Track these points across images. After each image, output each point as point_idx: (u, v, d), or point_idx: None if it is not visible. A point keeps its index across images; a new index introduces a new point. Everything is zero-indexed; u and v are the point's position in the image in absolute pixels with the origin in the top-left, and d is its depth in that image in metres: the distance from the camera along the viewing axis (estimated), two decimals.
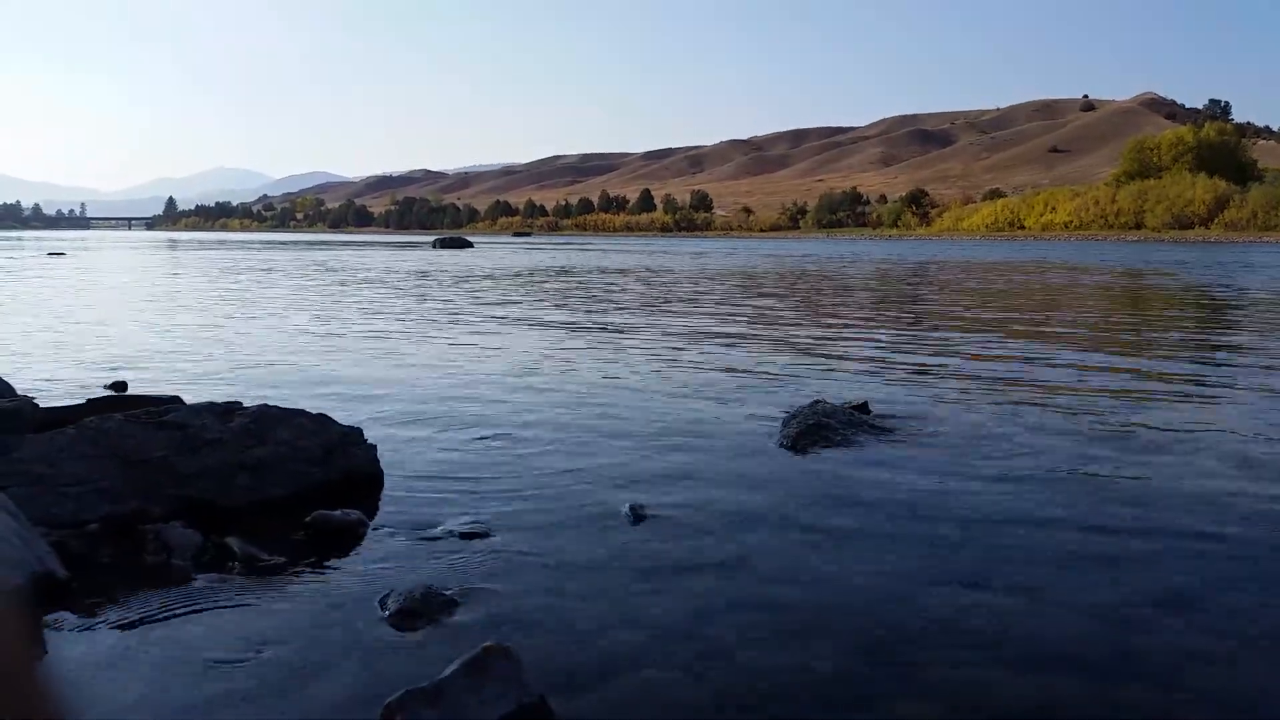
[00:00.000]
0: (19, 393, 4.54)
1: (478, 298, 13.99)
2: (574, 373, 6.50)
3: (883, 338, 8.89)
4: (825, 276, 21.70)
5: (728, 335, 9.05)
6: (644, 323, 10.18)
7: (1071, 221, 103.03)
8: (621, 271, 23.28)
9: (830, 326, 10.01)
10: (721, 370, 6.67)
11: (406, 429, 4.57)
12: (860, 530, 3.11)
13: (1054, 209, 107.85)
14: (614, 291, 15.70)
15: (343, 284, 17.41)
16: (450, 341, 8.36)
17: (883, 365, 6.99)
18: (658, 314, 11.32)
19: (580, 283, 18.24)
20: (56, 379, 5.97)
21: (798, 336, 8.96)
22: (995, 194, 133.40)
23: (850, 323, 10.48)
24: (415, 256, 34.44)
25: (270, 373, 6.39)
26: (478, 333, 9.12)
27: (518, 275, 20.99)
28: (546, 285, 17.36)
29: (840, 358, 7.40)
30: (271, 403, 3.74)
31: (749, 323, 10.42)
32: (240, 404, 3.60)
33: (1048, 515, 3.27)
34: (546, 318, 10.75)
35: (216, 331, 9.05)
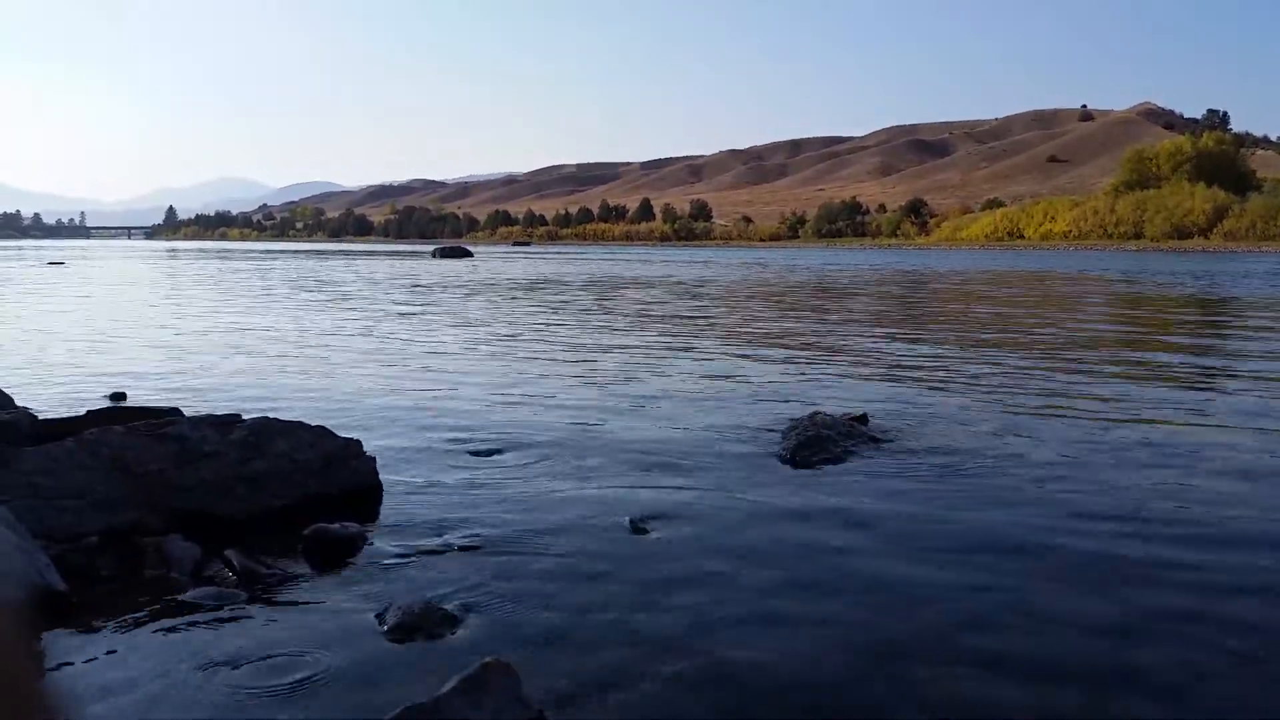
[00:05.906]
0: (17, 404, 4.53)
1: (478, 309, 14.00)
2: (573, 386, 6.50)
3: (882, 349, 8.89)
4: (824, 287, 21.71)
5: (727, 347, 9.06)
6: (642, 335, 10.19)
7: (1071, 231, 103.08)
8: (619, 282, 23.29)
9: (829, 338, 10.01)
10: (721, 382, 6.67)
11: (407, 441, 4.56)
12: (859, 543, 3.11)
13: (1053, 219, 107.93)
14: (611, 303, 15.71)
15: (343, 294, 17.42)
16: (451, 354, 8.36)
17: (882, 377, 6.99)
18: (656, 326, 11.32)
19: (578, 294, 18.25)
20: (55, 389, 5.97)
21: (797, 347, 8.97)
22: (994, 204, 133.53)
23: (849, 334, 10.48)
24: (416, 265, 34.45)
25: (270, 385, 6.39)
26: (479, 346, 9.13)
27: (516, 285, 21.00)
28: (545, 296, 17.37)
29: (839, 369, 7.41)
30: (271, 415, 3.74)
31: (748, 334, 10.43)
32: (239, 416, 3.60)
33: (1047, 527, 3.26)
34: (545, 330, 10.75)
35: (216, 342, 9.05)
